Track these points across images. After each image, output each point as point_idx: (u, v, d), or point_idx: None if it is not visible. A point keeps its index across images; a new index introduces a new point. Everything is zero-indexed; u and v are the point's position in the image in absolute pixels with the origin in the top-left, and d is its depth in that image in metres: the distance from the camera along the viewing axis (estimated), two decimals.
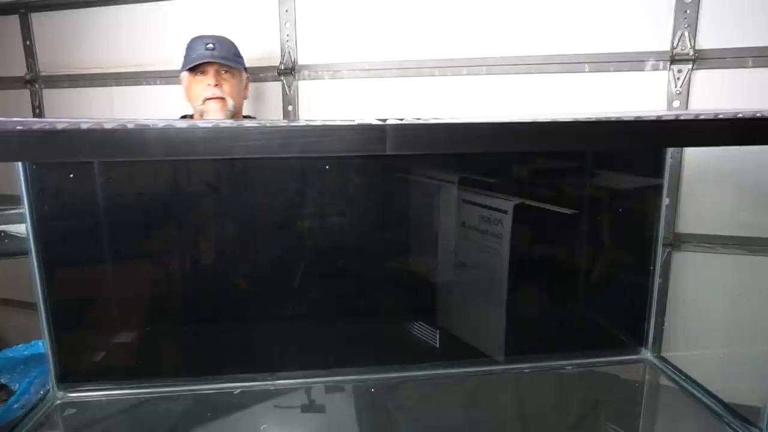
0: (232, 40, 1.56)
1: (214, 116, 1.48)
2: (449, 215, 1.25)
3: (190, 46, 1.51)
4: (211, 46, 1.47)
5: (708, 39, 1.46)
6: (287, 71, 1.78)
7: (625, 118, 0.73)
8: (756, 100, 1.44)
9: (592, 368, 1.28)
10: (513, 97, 1.63)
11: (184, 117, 1.64)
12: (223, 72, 1.51)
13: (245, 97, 1.62)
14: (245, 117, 1.64)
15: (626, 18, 1.52)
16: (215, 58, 1.47)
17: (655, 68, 1.51)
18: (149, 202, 1.17)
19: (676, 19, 1.48)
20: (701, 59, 1.47)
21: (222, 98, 1.48)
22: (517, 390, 1.28)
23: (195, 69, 1.49)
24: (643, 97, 1.54)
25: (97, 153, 0.65)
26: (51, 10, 1.97)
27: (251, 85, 1.67)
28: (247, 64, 1.61)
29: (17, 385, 1.69)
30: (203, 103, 1.48)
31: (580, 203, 1.26)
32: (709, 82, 1.49)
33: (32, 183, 1.06)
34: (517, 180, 1.25)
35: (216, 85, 1.48)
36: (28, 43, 2.02)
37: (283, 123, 0.89)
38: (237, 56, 1.55)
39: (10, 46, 2.03)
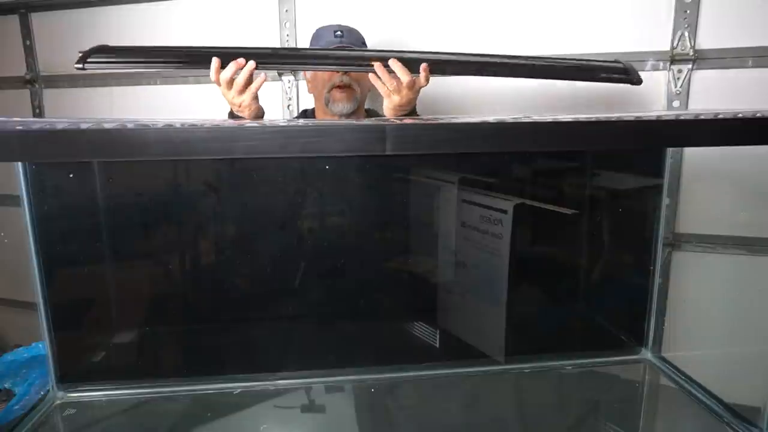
0: (359, 31, 1.49)
1: (341, 105, 1.40)
2: (449, 215, 1.25)
3: (318, 35, 1.45)
4: (339, 33, 1.41)
5: (708, 39, 1.46)
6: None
7: (625, 118, 0.73)
8: (756, 100, 1.44)
9: (592, 368, 1.27)
10: (512, 96, 1.63)
11: (304, 112, 1.60)
12: None
13: (369, 89, 1.51)
14: (366, 110, 1.55)
15: (626, 18, 1.52)
16: (344, 44, 1.40)
17: (655, 68, 1.51)
18: (149, 202, 1.17)
19: (676, 19, 1.47)
20: (701, 59, 1.47)
21: (349, 86, 1.40)
22: (517, 390, 1.28)
23: None
24: (643, 97, 1.53)
25: (97, 153, 0.65)
26: (51, 10, 1.96)
27: None
28: None
29: (20, 389, 1.69)
30: (329, 92, 1.40)
31: (580, 203, 1.26)
32: (709, 82, 1.49)
33: (32, 183, 1.06)
34: (517, 180, 1.25)
35: (344, 72, 1.39)
36: (28, 42, 2.02)
37: (283, 123, 0.89)
38: (364, 45, 1.48)
39: (10, 46, 2.03)
